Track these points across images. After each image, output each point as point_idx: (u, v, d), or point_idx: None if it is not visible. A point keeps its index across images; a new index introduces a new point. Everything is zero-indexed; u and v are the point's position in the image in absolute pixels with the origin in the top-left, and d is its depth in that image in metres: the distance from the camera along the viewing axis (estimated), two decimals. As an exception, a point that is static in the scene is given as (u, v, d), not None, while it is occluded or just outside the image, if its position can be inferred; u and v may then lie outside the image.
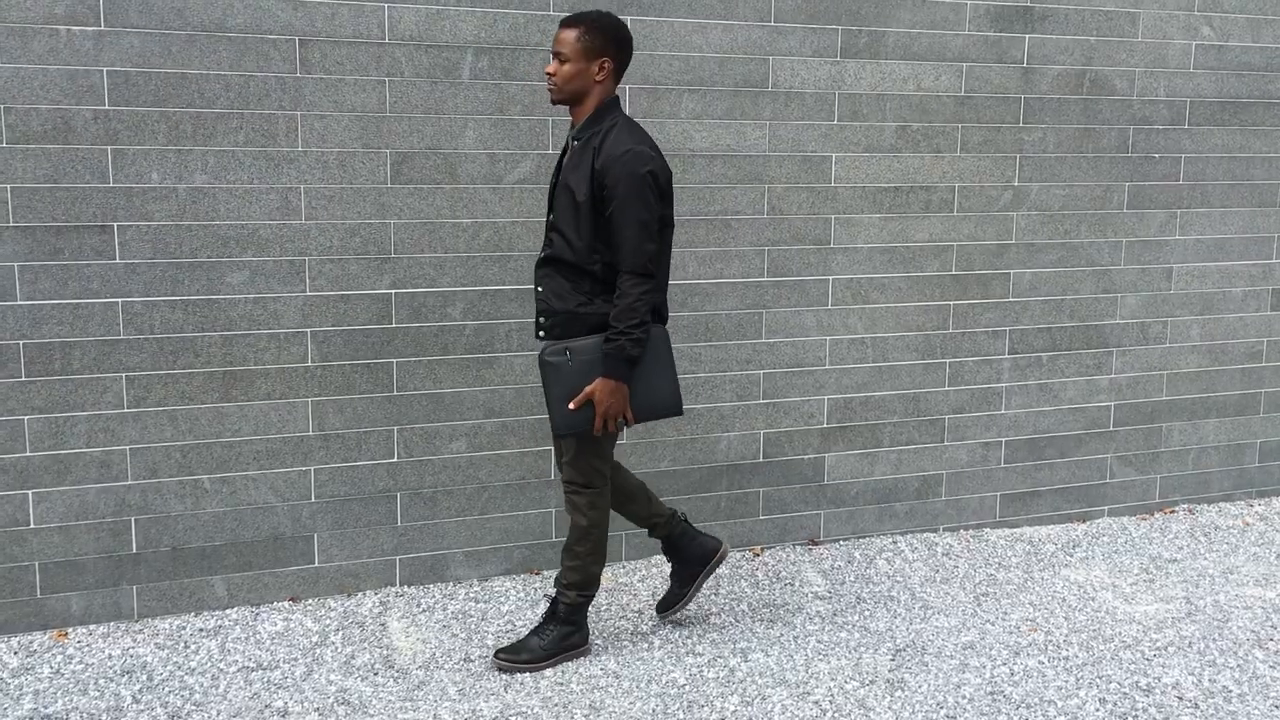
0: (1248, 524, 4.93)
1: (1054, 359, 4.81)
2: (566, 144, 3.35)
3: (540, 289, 3.32)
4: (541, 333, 3.32)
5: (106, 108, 3.55)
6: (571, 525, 3.46)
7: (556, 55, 3.22)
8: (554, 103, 3.29)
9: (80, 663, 3.51)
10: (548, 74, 3.25)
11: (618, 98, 3.33)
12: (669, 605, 3.79)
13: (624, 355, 3.19)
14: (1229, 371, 5.12)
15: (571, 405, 3.23)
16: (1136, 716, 3.28)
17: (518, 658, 3.47)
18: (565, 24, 3.23)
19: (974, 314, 4.65)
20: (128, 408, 3.70)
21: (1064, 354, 4.82)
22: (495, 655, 3.49)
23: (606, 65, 3.24)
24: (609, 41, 3.23)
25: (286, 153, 3.74)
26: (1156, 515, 5.05)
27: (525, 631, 3.75)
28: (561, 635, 3.51)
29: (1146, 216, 4.85)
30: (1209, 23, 4.80)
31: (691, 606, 3.97)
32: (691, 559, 3.76)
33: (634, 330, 3.18)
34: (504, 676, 3.45)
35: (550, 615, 3.54)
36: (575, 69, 3.21)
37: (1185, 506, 5.14)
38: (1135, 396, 4.97)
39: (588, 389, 3.22)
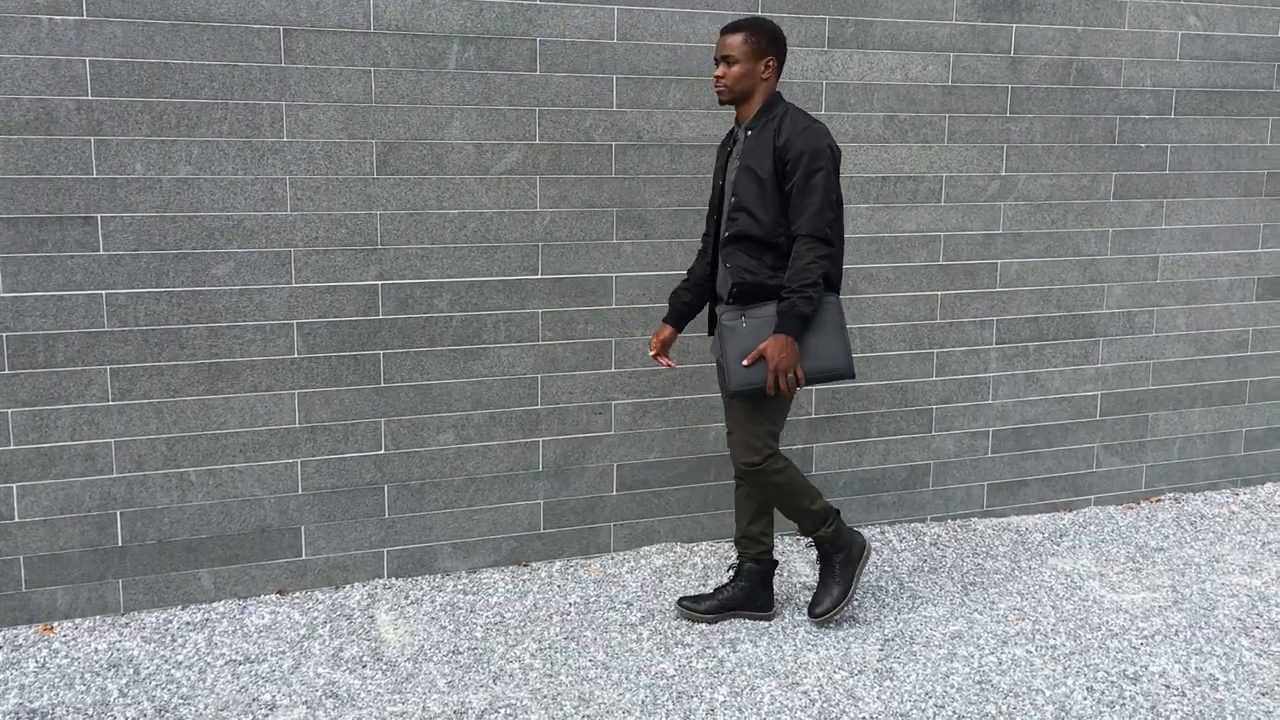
0: (1233, 512, 4.96)
1: (1041, 349, 4.82)
2: (731, 138, 3.59)
3: (728, 264, 3.49)
4: (730, 299, 3.49)
5: (89, 98, 3.52)
6: (774, 495, 3.60)
7: (724, 59, 3.43)
8: (723, 103, 3.49)
9: (66, 657, 3.50)
10: (716, 77, 3.46)
11: (780, 93, 3.53)
12: (694, 604, 3.78)
13: (796, 312, 3.35)
14: (1214, 361, 5.14)
15: (745, 361, 3.40)
16: (1124, 705, 3.30)
17: (830, 607, 3.68)
18: (728, 30, 3.44)
19: (961, 304, 4.65)
20: (112, 400, 3.68)
21: (1051, 344, 4.83)
22: (810, 616, 3.69)
23: (771, 64, 3.46)
24: (771, 42, 3.45)
25: (271, 143, 3.71)
26: (1143, 504, 5.07)
27: (510, 621, 3.75)
28: (843, 565, 3.72)
29: (1133, 206, 4.86)
30: (1195, 12, 4.81)
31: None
32: (742, 599, 3.79)
33: (807, 289, 3.34)
34: (491, 669, 3.45)
35: (825, 562, 3.73)
36: (744, 70, 3.43)
37: (1171, 495, 5.17)
38: (1121, 386, 4.99)
39: (761, 345, 3.38)
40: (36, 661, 3.46)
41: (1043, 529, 4.73)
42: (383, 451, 4.00)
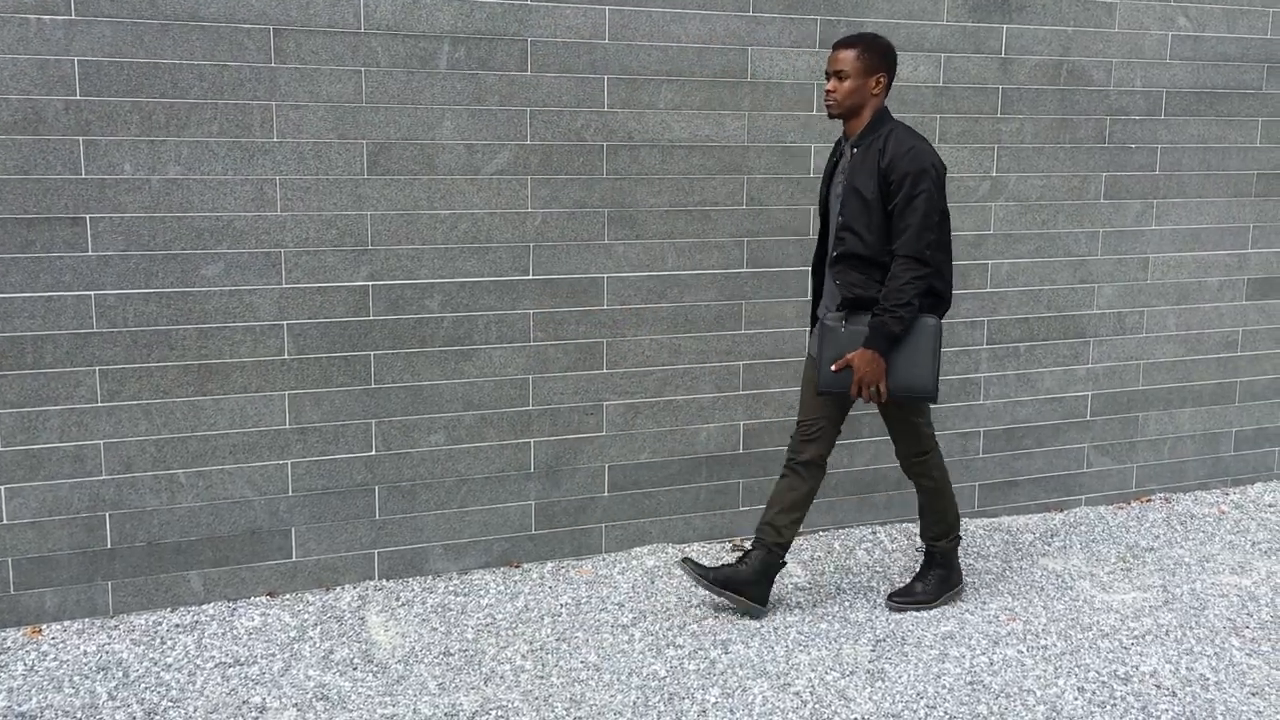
0: (1223, 512, 4.97)
1: (1031, 349, 4.83)
2: (838, 153, 3.68)
3: (838, 280, 3.60)
4: (840, 309, 3.61)
5: (78, 98, 3.50)
6: (920, 489, 3.85)
7: (836, 74, 3.52)
8: (832, 116, 3.58)
9: (55, 659, 3.48)
10: (828, 91, 3.55)
11: (887, 108, 3.64)
12: (699, 568, 3.76)
13: (885, 331, 3.47)
14: (1204, 361, 5.15)
15: (833, 367, 3.56)
16: (1115, 705, 3.30)
17: (909, 599, 3.90)
18: (841, 45, 3.53)
19: (952, 304, 4.65)
20: (101, 402, 3.66)
21: (1041, 344, 4.84)
22: (889, 598, 3.91)
23: (881, 80, 3.55)
24: (882, 58, 3.54)
25: (261, 143, 3.70)
26: (1133, 504, 5.08)
27: (502, 622, 3.74)
28: (940, 579, 3.94)
29: (1123, 207, 4.87)
30: (1185, 13, 4.82)
31: (673, 599, 3.97)
32: (741, 580, 3.77)
33: (899, 310, 3.46)
34: (483, 670, 3.44)
35: (929, 563, 3.95)
36: (855, 85, 3.52)
37: (1161, 495, 5.18)
38: (1112, 386, 5.00)
39: (849, 355, 3.53)
40: (25, 664, 3.44)
41: (1034, 529, 4.74)
42: (373, 453, 3.99)
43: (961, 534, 3.93)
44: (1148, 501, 5.11)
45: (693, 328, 4.31)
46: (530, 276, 4.07)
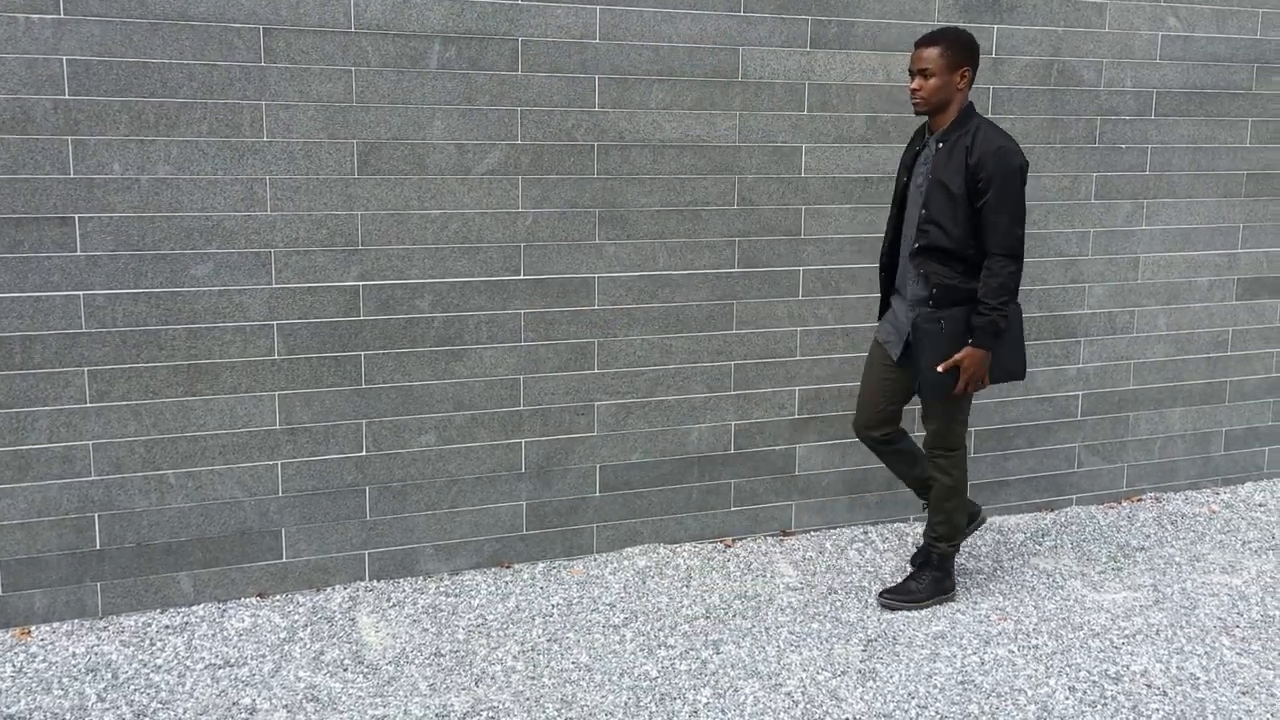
0: (1214, 511, 4.98)
1: (1023, 349, 4.83)
2: (922, 147, 3.72)
3: (921, 271, 3.69)
4: (930, 304, 3.67)
5: (67, 97, 3.49)
6: (938, 485, 3.88)
7: (920, 72, 3.57)
8: (918, 113, 3.65)
9: (43, 661, 3.46)
10: (913, 90, 3.61)
11: (971, 102, 3.70)
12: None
13: (993, 329, 3.59)
14: (1195, 361, 5.16)
15: (940, 368, 3.65)
16: (1105, 704, 3.31)
17: (899, 598, 3.92)
18: (924, 43, 3.58)
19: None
20: (90, 402, 3.64)
21: (1032, 344, 4.84)
22: (881, 595, 3.94)
23: (966, 74, 3.60)
24: (966, 53, 3.59)
25: (251, 143, 3.69)
26: (1124, 504, 5.09)
27: (493, 623, 3.73)
28: (934, 581, 3.96)
29: (1113, 207, 4.88)
30: (1175, 13, 4.83)
31: (664, 599, 3.97)
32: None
33: (1003, 306, 3.58)
34: (473, 671, 3.43)
35: (924, 563, 3.99)
36: (940, 81, 3.57)
37: (1152, 495, 5.19)
38: (1102, 386, 5.00)
39: (957, 355, 3.63)
40: (13, 666, 3.43)
41: (1024, 528, 4.74)
42: (364, 453, 3.98)
43: (962, 545, 3.96)
44: (1138, 501, 5.12)
45: (684, 328, 4.31)
46: (521, 276, 4.07)
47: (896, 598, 3.92)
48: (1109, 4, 4.71)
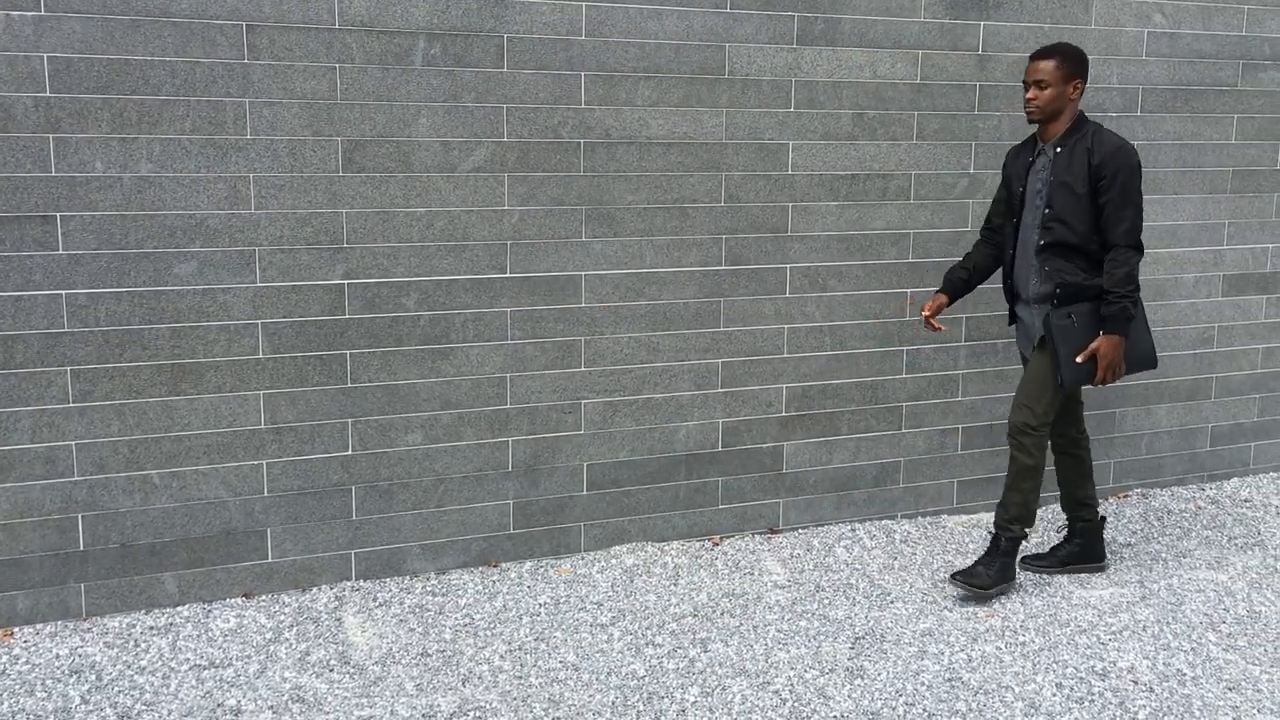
0: (1199, 508, 4.99)
1: (1010, 346, 4.83)
2: (1035, 155, 3.94)
3: (1046, 268, 3.88)
4: (1055, 301, 3.86)
5: (48, 95, 3.46)
6: (1018, 466, 3.95)
7: (1036, 83, 3.81)
8: (1032, 122, 3.87)
9: (27, 663, 3.44)
10: (1029, 99, 3.84)
11: (1082, 110, 3.95)
12: (1037, 561, 4.26)
13: (1126, 315, 3.78)
14: (1181, 357, 5.17)
15: (1079, 358, 3.82)
16: (1092, 701, 3.31)
17: (972, 581, 3.93)
18: (1040, 56, 3.82)
19: (931, 301, 4.66)
20: (73, 402, 3.62)
21: (1019, 341, 4.84)
22: (952, 577, 3.95)
23: (1078, 86, 3.85)
24: (1078, 65, 3.82)
25: (235, 141, 3.67)
26: (1110, 500, 5.10)
27: (480, 622, 3.72)
28: (1002, 568, 3.99)
29: (1100, 203, 4.88)
30: (1161, 10, 4.83)
31: (652, 598, 3.96)
32: (1090, 554, 4.26)
33: (1132, 294, 3.77)
34: (460, 671, 3.42)
35: (994, 549, 4.01)
36: (1055, 92, 3.81)
37: (1138, 491, 5.20)
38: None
39: (1092, 345, 3.81)
40: (-4, 668, 3.41)
41: (1012, 525, 4.75)
42: (350, 452, 3.96)
43: (1028, 533, 4.06)
44: (1125, 497, 5.13)
45: (671, 325, 4.30)
46: (508, 274, 4.05)
47: (965, 583, 3.94)
48: (1095, 1, 4.71)
